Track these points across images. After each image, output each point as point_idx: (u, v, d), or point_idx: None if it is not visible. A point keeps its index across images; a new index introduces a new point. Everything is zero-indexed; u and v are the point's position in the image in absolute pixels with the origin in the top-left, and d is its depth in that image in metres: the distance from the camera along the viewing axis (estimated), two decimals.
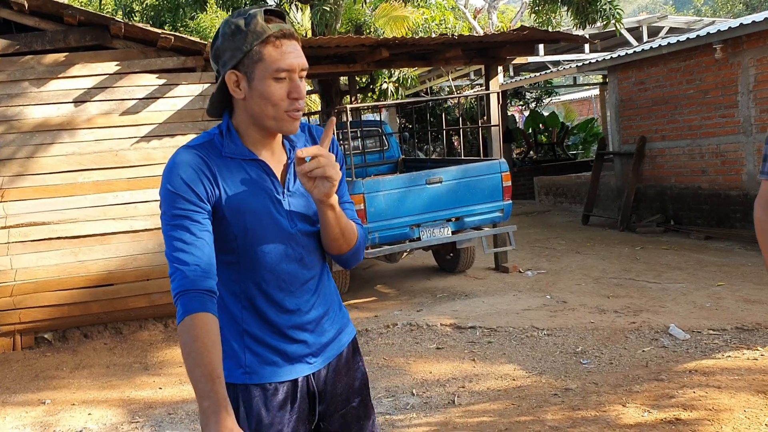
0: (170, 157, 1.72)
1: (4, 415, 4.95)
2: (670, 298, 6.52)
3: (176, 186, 1.66)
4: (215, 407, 1.49)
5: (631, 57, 10.45)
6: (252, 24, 1.64)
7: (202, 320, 1.57)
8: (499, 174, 7.37)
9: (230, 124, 1.76)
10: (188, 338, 1.56)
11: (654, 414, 3.88)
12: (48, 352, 6.34)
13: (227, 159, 1.73)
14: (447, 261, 8.52)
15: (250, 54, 1.65)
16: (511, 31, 8.47)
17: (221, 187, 1.70)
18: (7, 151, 6.26)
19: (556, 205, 13.77)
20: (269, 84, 1.65)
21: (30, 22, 6.28)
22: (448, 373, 5.11)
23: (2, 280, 6.25)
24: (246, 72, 1.66)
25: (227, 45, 1.67)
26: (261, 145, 1.76)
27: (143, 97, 6.54)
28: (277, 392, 1.80)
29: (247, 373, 1.79)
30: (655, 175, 10.54)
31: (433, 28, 16.78)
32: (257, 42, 1.64)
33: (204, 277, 1.62)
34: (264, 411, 1.78)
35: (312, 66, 8.06)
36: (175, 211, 1.65)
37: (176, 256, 1.63)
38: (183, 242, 1.63)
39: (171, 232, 1.65)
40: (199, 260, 1.62)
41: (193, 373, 1.53)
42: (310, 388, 1.85)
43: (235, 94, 1.70)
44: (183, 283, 1.60)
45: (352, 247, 1.85)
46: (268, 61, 1.64)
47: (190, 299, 1.59)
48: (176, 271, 1.62)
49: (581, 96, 27.31)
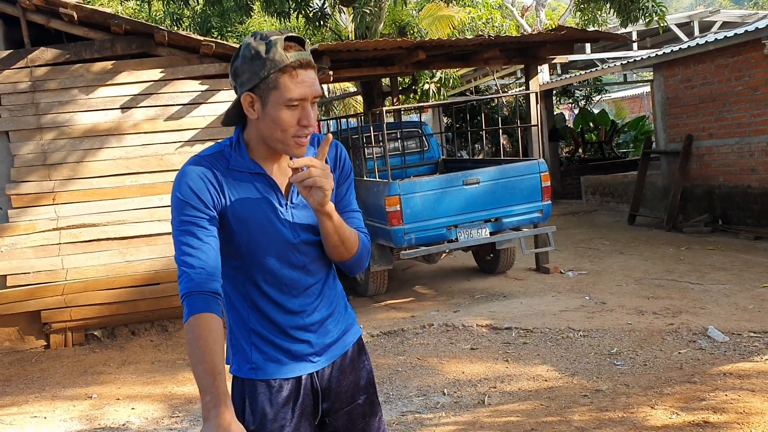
0: (181, 167, 1.83)
1: (53, 408, 5.19)
2: (711, 300, 6.41)
3: (184, 194, 1.77)
4: (215, 401, 1.59)
5: (677, 54, 10.25)
6: (271, 52, 1.71)
7: (206, 320, 1.67)
8: (537, 174, 7.33)
9: (240, 138, 1.86)
10: (192, 337, 1.66)
11: (682, 416, 3.85)
12: (97, 349, 6.60)
13: (234, 171, 1.83)
14: (487, 262, 8.53)
15: (266, 80, 1.72)
16: (548, 31, 8.42)
17: (227, 197, 1.80)
18: (59, 155, 6.54)
19: (603, 204, 13.58)
20: (281, 111, 1.73)
21: (79, 32, 6.55)
22: (481, 373, 5.14)
23: (54, 279, 6.54)
24: (261, 96, 1.74)
25: (246, 67, 1.75)
26: (268, 159, 1.86)
27: (186, 103, 6.76)
28: (281, 389, 1.90)
29: (253, 369, 1.89)
30: (702, 174, 10.33)
31: (479, 27, 16.73)
32: (274, 70, 1.71)
33: (209, 280, 1.72)
34: (268, 406, 1.88)
35: (351, 69, 8.20)
36: (183, 217, 1.76)
37: (183, 259, 1.74)
38: (190, 247, 1.74)
39: (179, 237, 1.76)
40: (205, 263, 1.73)
41: (196, 369, 1.63)
42: (314, 385, 1.94)
43: (249, 114, 1.79)
44: (189, 285, 1.71)
45: (354, 255, 1.92)
46: (283, 90, 1.72)
47: (194, 300, 1.69)
48: (183, 274, 1.73)
49: (632, 93, 26.79)
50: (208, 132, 6.77)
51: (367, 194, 7.40)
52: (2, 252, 6.51)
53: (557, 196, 14.19)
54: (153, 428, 4.66)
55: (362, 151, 8.09)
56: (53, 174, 6.55)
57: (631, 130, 19.89)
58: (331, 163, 1.94)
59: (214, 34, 13.36)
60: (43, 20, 6.51)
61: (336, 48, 7.10)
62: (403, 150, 9.04)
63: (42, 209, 6.54)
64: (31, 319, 6.65)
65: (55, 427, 4.80)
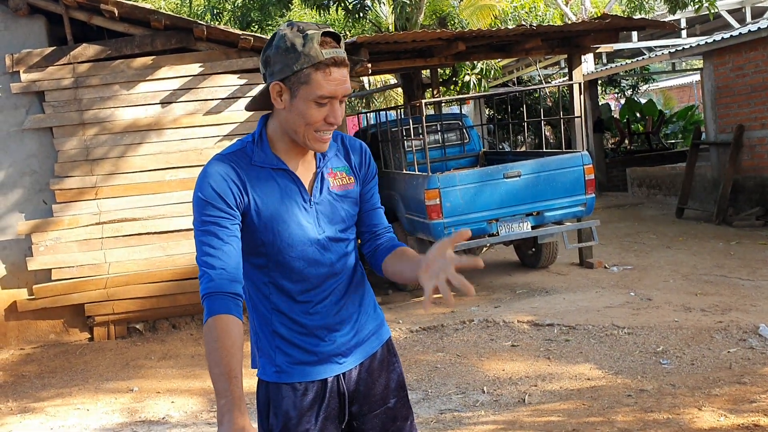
0: (204, 166, 1.79)
1: (96, 400, 5.26)
2: (763, 297, 6.18)
3: (206, 194, 1.73)
4: (230, 405, 1.55)
5: (728, 41, 9.91)
6: (307, 47, 1.67)
7: (225, 322, 1.63)
8: (581, 167, 7.16)
9: (263, 132, 1.82)
10: (210, 338, 1.62)
11: (731, 419, 3.70)
12: (138, 342, 6.68)
13: (257, 167, 1.79)
14: (529, 256, 8.38)
15: (298, 74, 1.68)
16: (592, 19, 8.21)
17: (250, 195, 1.76)
18: (101, 151, 6.62)
19: (650, 197, 13.26)
20: (310, 106, 1.70)
21: (120, 28, 6.61)
22: (521, 371, 5.04)
23: (97, 273, 6.64)
24: (291, 87, 1.71)
25: (279, 58, 1.71)
26: (292, 153, 1.82)
27: (225, 97, 6.77)
28: (306, 392, 1.85)
29: (278, 372, 1.85)
30: (754, 166, 9.98)
31: (522, 16, 16.46)
32: (308, 65, 1.67)
33: (229, 281, 1.68)
34: (292, 409, 1.84)
35: (390, 61, 8.13)
36: (204, 217, 1.72)
37: (204, 260, 1.70)
38: (211, 247, 1.70)
39: (201, 237, 1.72)
40: (226, 264, 1.69)
41: (212, 372, 1.60)
42: (340, 388, 1.89)
43: (276, 103, 1.75)
44: (209, 286, 1.67)
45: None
46: (314, 86, 1.68)
47: (214, 302, 1.66)
48: (204, 275, 1.69)
49: (681, 82, 26.10)
50: (246, 126, 6.77)
51: (406, 188, 7.33)
52: (47, 246, 6.63)
53: (602, 189, 13.91)
54: (192, 422, 4.69)
55: (402, 144, 8.02)
56: (95, 169, 6.63)
57: (680, 120, 19.38)
58: (357, 165, 1.93)
59: (254, 28, 13.41)
60: (85, 17, 6.58)
61: (374, 40, 7.03)
62: (444, 143, 8.94)
63: (85, 204, 6.64)
64: (76, 313, 6.76)
65: (97, 420, 4.86)
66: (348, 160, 1.91)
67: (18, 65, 6.52)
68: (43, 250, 6.63)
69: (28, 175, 6.68)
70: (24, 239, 6.68)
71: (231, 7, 13.84)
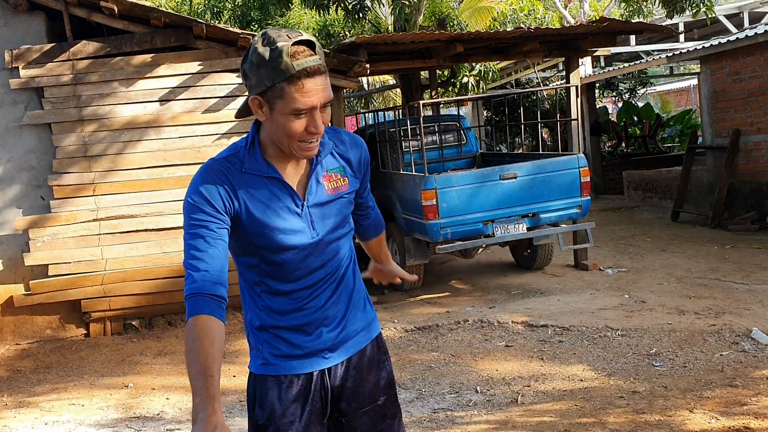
0: (197, 171, 1.82)
1: (91, 395, 5.28)
2: (756, 300, 6.22)
3: (195, 198, 1.76)
4: (204, 404, 1.56)
5: (726, 46, 9.95)
6: (276, 61, 1.65)
7: (204, 322, 1.65)
8: (576, 169, 7.20)
9: (256, 137, 1.83)
10: (189, 338, 1.65)
11: (722, 421, 3.73)
12: (135, 338, 6.70)
13: (248, 174, 1.81)
14: (524, 257, 8.41)
15: (273, 88, 1.68)
16: (590, 22, 8.24)
17: (240, 201, 1.79)
18: (99, 147, 6.64)
19: (646, 200, 13.30)
20: (288, 119, 1.70)
21: (119, 25, 6.63)
22: (515, 371, 5.07)
23: (94, 269, 6.66)
24: (268, 101, 1.71)
25: (253, 73, 1.71)
26: (283, 157, 1.83)
27: (224, 96, 6.79)
28: (291, 385, 1.89)
29: (264, 365, 1.90)
30: (750, 170, 10.02)
31: (521, 18, 16.48)
32: (279, 80, 1.66)
33: (213, 284, 1.70)
34: (277, 401, 1.88)
35: (389, 62, 8.15)
36: (192, 221, 1.75)
37: (190, 262, 1.73)
38: (197, 250, 1.72)
39: (188, 240, 1.75)
40: (210, 267, 1.71)
41: (189, 370, 1.61)
42: (324, 383, 1.93)
43: (258, 116, 1.77)
44: (192, 287, 1.70)
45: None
46: (288, 100, 1.68)
47: (196, 303, 1.68)
48: (188, 277, 1.72)
49: (678, 86, 26.15)
50: (245, 125, 6.78)
51: (403, 188, 7.36)
52: (45, 242, 6.64)
53: (598, 192, 13.94)
54: (186, 419, 4.70)
55: (399, 145, 8.05)
56: (93, 165, 6.65)
57: (677, 124, 19.43)
58: (356, 162, 1.95)
59: (253, 27, 13.42)
60: (85, 14, 6.60)
61: (373, 41, 7.05)
62: (441, 144, 8.97)
63: (82, 200, 6.65)
64: (72, 308, 6.78)
65: (92, 415, 4.88)
66: (345, 159, 1.92)
67: (17, 61, 6.54)
68: (41, 245, 6.64)
69: (26, 170, 6.69)
70: (21, 234, 6.69)
71: (231, 6, 13.85)
